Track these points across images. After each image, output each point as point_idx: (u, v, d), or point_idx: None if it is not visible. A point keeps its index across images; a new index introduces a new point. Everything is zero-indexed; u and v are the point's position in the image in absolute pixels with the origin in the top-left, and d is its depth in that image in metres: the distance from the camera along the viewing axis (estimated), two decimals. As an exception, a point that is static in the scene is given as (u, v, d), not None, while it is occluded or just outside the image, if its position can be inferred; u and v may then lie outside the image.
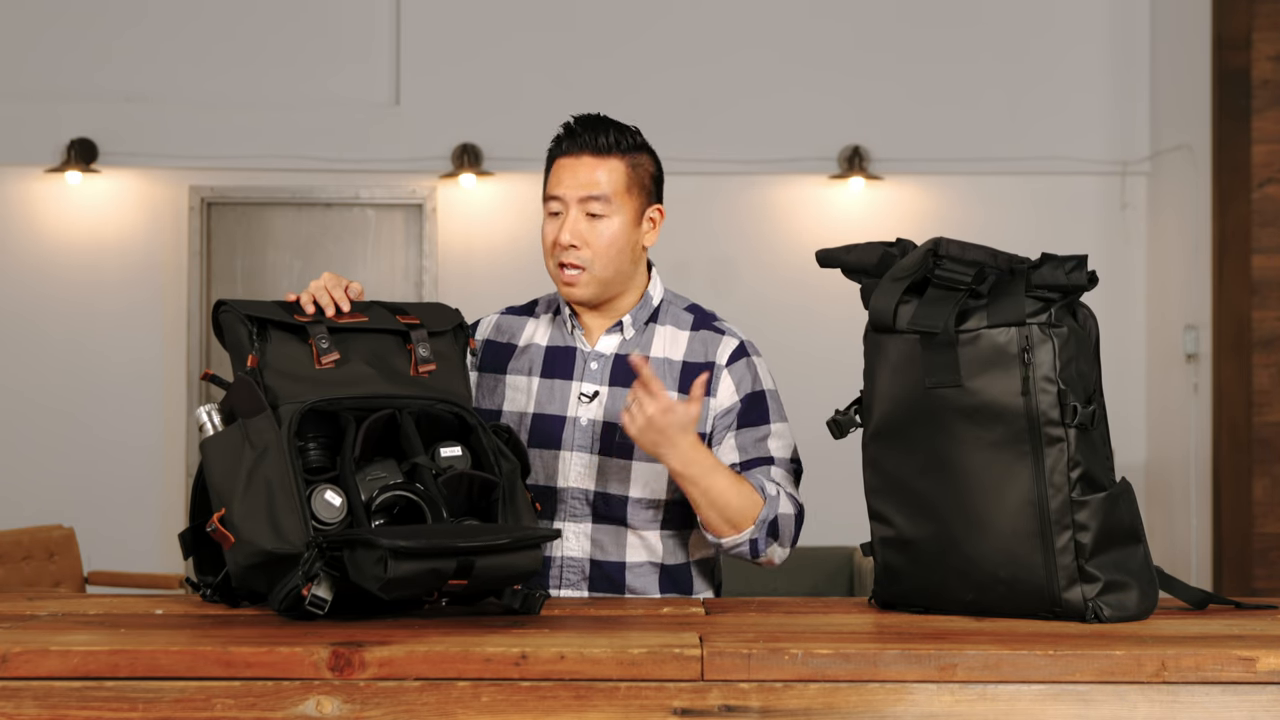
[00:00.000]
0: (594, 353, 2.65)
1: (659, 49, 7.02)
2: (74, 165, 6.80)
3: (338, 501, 2.18)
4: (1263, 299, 6.01)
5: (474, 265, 6.96)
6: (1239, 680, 1.88)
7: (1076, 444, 2.12)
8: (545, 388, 2.65)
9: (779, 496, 2.53)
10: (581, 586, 2.61)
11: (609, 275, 2.61)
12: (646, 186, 2.64)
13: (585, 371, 2.64)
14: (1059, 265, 2.14)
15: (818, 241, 4.58)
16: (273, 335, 2.30)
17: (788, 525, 2.54)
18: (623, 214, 2.60)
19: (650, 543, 2.62)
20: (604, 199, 2.58)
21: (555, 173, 2.61)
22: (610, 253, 2.59)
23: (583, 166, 2.59)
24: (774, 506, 2.52)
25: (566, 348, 2.67)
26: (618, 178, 2.59)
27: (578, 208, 2.58)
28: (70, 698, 1.88)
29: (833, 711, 1.88)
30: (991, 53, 7.05)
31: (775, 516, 2.52)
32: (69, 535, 5.93)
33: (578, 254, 2.58)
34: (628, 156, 2.61)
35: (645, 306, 2.67)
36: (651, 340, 2.66)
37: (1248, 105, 6.04)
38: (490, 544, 2.08)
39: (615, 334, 2.66)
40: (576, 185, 2.58)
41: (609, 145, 2.59)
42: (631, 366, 2.46)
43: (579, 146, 2.60)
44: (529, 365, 2.68)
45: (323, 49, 7.06)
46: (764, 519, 2.50)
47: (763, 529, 2.51)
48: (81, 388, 6.95)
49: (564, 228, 2.58)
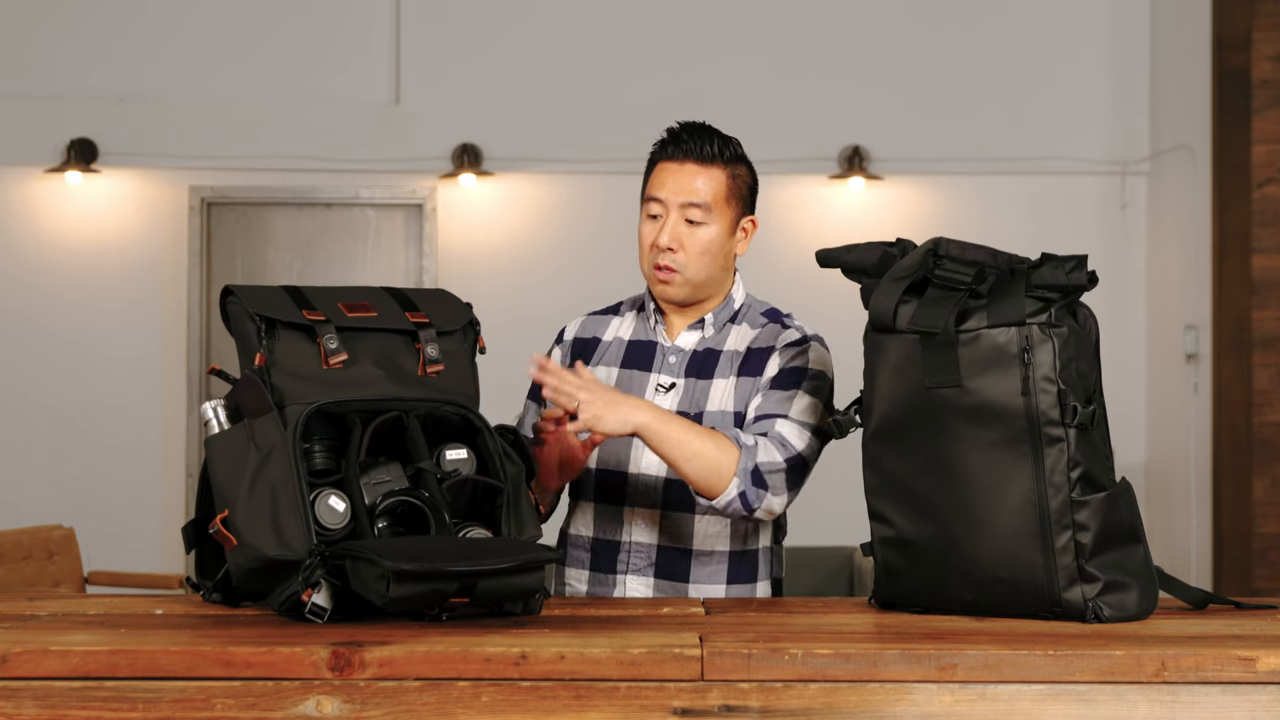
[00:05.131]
0: (674, 347, 2.72)
1: (659, 49, 7.02)
2: (74, 165, 6.80)
3: (341, 507, 2.18)
4: (1263, 299, 6.01)
5: (474, 265, 6.96)
6: (1239, 680, 1.88)
7: (1076, 444, 2.12)
8: (624, 378, 2.72)
9: (757, 445, 2.51)
10: (648, 573, 2.65)
11: (701, 279, 2.67)
12: (744, 197, 2.70)
13: (664, 364, 2.71)
14: (1059, 265, 2.14)
15: (818, 241, 4.59)
16: (281, 333, 2.28)
17: (776, 474, 2.52)
18: (720, 223, 2.66)
19: (714, 530, 2.64)
20: (704, 207, 2.64)
21: (658, 175, 2.67)
22: (704, 260, 2.66)
23: (685, 173, 2.65)
24: (752, 455, 2.50)
25: (648, 342, 2.75)
26: (718, 187, 2.65)
27: (678, 213, 2.64)
28: (70, 698, 1.88)
29: (833, 711, 1.88)
30: (992, 53, 7.05)
31: (756, 465, 2.50)
32: (69, 535, 5.92)
33: (673, 257, 2.65)
34: (729, 167, 2.67)
35: (727, 308, 2.73)
36: (727, 338, 2.71)
37: (1248, 105, 6.04)
38: (493, 568, 2.08)
39: (696, 331, 2.72)
40: (678, 190, 2.64)
41: (713, 154, 2.65)
42: (536, 363, 2.49)
43: (684, 153, 2.65)
44: (611, 357, 2.76)
45: (323, 49, 7.06)
46: (745, 468, 2.49)
47: (746, 478, 2.49)
48: (81, 388, 6.95)
49: (663, 231, 2.64)
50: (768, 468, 2.51)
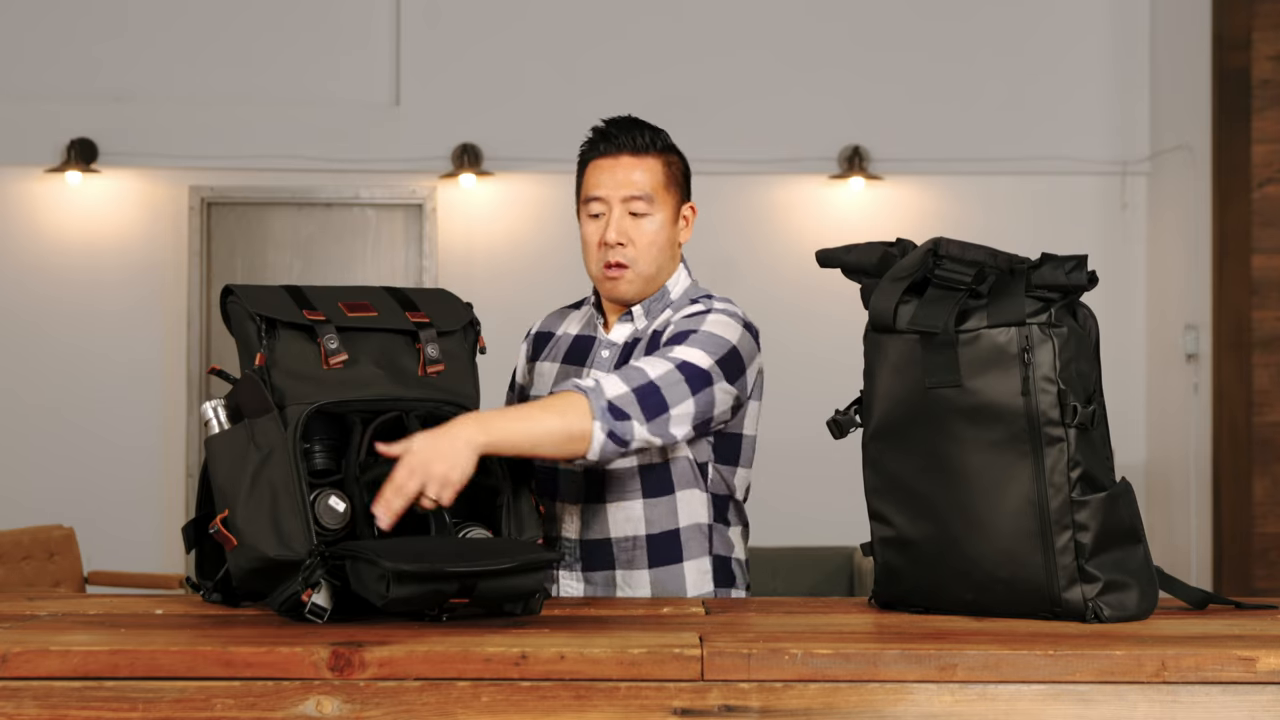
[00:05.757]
0: (607, 340, 2.70)
1: (659, 49, 7.02)
2: (74, 165, 6.80)
3: (341, 507, 2.18)
4: (1263, 299, 6.01)
5: (474, 265, 6.96)
6: (1239, 680, 1.88)
7: (1076, 444, 2.12)
8: (563, 374, 2.72)
9: (598, 383, 2.39)
10: (576, 568, 2.64)
11: (652, 272, 2.66)
12: (681, 184, 2.70)
13: (597, 359, 2.69)
14: (1059, 265, 2.14)
15: (818, 241, 4.58)
16: (281, 333, 2.28)
17: (629, 402, 2.38)
18: (663, 211, 2.66)
19: (632, 515, 2.60)
20: (646, 198, 2.63)
21: (593, 174, 2.66)
22: (653, 250, 2.65)
23: (621, 166, 2.64)
24: (599, 394, 2.37)
25: (588, 337, 2.75)
26: (656, 176, 2.65)
27: (620, 207, 2.64)
28: (70, 698, 1.88)
29: (833, 711, 1.88)
30: (992, 52, 7.05)
31: (608, 401, 2.36)
32: (69, 535, 5.92)
33: (623, 252, 2.64)
34: (663, 155, 2.67)
35: (661, 298, 2.69)
36: (653, 326, 2.68)
37: (1248, 105, 6.04)
38: (493, 568, 2.08)
39: (627, 323, 2.70)
40: (618, 185, 2.63)
41: (645, 144, 2.65)
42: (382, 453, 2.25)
43: (617, 147, 2.65)
44: (556, 353, 2.76)
45: (323, 48, 7.06)
46: (600, 408, 2.35)
47: (606, 417, 2.35)
48: (81, 388, 6.95)
49: (610, 227, 2.63)
50: (622, 397, 2.38)
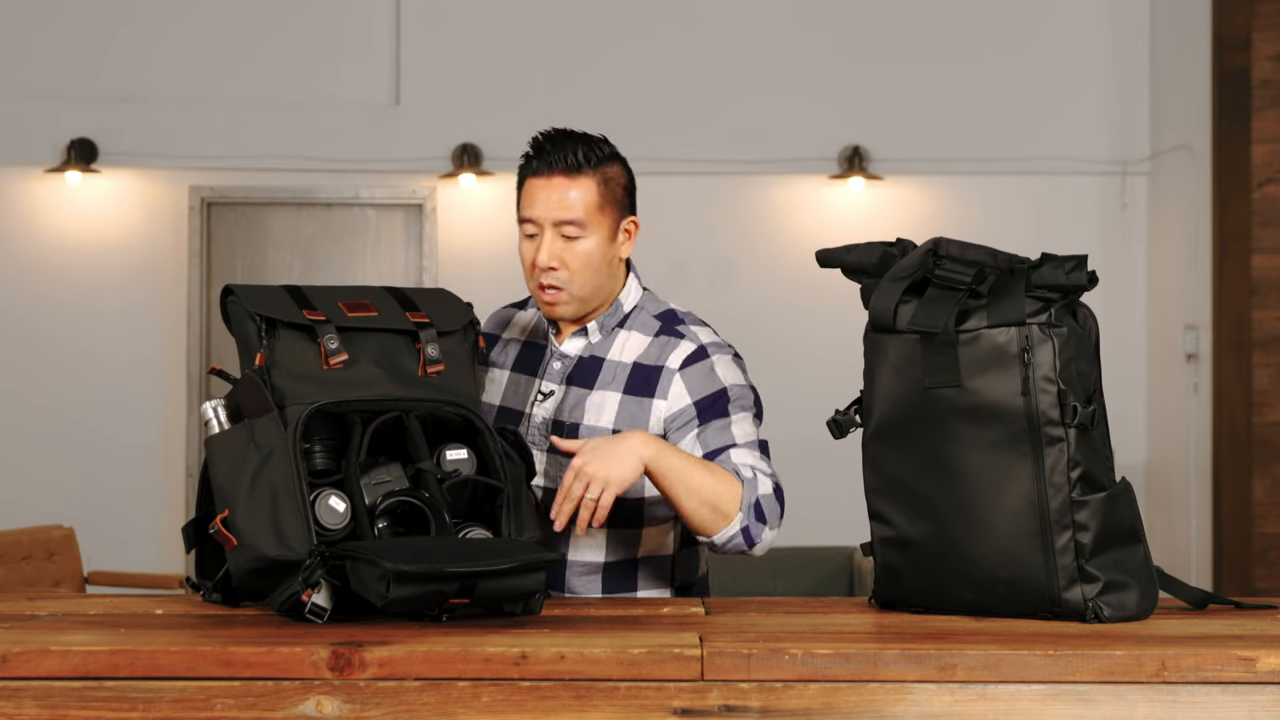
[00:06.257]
0: (559, 352, 2.66)
1: (658, 48, 7.02)
2: (74, 165, 6.80)
3: (342, 507, 2.18)
4: (1263, 299, 6.02)
5: (474, 265, 6.96)
6: (1239, 680, 1.88)
7: (1076, 444, 2.12)
8: (513, 382, 2.68)
9: (755, 477, 2.48)
10: None
11: (587, 293, 2.60)
12: (619, 200, 2.62)
13: (548, 370, 2.65)
14: (1059, 265, 2.14)
15: (818, 241, 4.58)
16: (281, 333, 2.28)
17: (771, 505, 2.48)
18: (598, 232, 2.58)
19: (591, 540, 2.59)
20: (578, 222, 2.56)
21: (528, 193, 2.60)
22: (587, 273, 2.58)
23: (554, 188, 2.57)
24: (754, 488, 2.46)
25: (539, 345, 2.70)
26: (590, 197, 2.57)
27: (552, 230, 2.57)
28: (70, 698, 1.88)
29: (833, 711, 1.88)
30: (992, 52, 7.05)
31: (758, 498, 2.46)
32: (69, 535, 5.92)
33: (556, 275, 2.58)
34: (598, 171, 2.58)
35: (615, 313, 2.65)
36: (612, 344, 2.64)
37: (1248, 105, 6.05)
38: (493, 569, 2.08)
39: (581, 338, 2.66)
40: (550, 207, 2.57)
41: (579, 163, 2.57)
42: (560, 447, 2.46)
43: (549, 166, 2.57)
44: (506, 359, 2.72)
45: (323, 49, 7.06)
46: (749, 502, 2.45)
47: (750, 514, 2.45)
48: (81, 388, 6.95)
49: (541, 250, 2.57)
50: (767, 502, 2.48)
